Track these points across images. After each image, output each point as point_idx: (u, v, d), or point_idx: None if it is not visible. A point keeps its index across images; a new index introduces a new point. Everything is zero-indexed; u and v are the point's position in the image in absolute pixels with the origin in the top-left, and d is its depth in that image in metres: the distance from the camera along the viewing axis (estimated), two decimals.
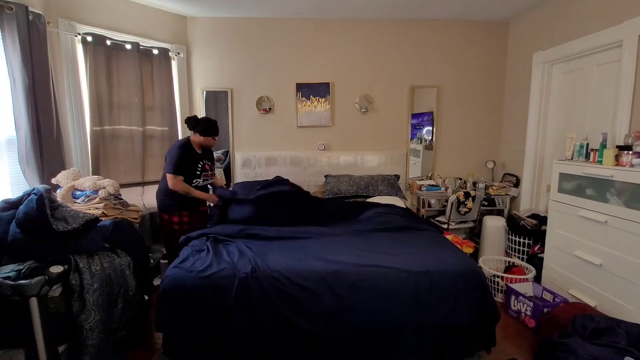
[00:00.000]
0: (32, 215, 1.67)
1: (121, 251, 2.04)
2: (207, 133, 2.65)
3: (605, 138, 2.31)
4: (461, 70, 3.84)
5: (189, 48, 3.66)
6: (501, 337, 2.14)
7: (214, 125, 2.70)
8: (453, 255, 2.09)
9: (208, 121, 2.69)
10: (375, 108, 3.88)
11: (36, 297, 1.51)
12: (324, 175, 3.80)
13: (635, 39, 2.35)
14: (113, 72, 3.06)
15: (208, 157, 2.80)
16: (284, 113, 3.83)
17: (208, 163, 2.76)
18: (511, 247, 3.13)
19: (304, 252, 2.10)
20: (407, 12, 3.56)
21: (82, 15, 2.86)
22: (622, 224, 2.07)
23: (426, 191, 3.61)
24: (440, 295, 1.84)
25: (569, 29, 2.94)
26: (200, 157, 2.69)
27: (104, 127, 3.05)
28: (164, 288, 1.81)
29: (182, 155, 2.54)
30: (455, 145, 3.94)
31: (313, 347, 1.86)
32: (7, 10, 2.23)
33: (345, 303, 1.81)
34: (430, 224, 2.84)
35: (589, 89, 2.84)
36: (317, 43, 3.75)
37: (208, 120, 2.71)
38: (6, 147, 2.37)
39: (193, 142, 2.65)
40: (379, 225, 2.60)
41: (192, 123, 2.63)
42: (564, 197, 2.51)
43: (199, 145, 2.68)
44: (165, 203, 2.63)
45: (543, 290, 2.54)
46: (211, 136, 2.68)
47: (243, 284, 1.80)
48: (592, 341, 1.73)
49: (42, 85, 2.44)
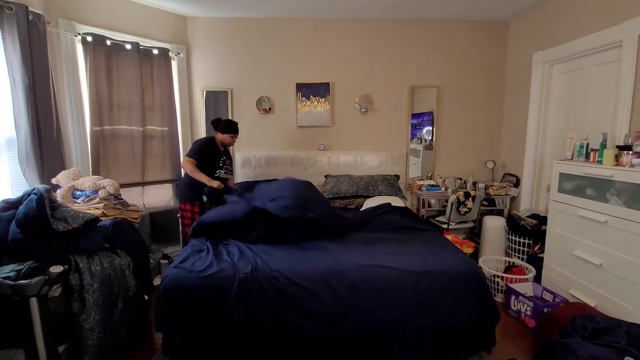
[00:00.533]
0: (32, 215, 1.67)
1: (121, 251, 2.04)
2: (225, 131, 3.06)
3: (605, 138, 2.31)
4: (461, 70, 3.84)
5: (189, 48, 3.66)
6: (501, 337, 2.14)
7: (233, 125, 3.10)
8: (453, 255, 2.10)
9: (228, 121, 3.11)
10: (375, 108, 3.88)
11: (36, 297, 1.51)
12: (323, 175, 3.80)
13: (635, 39, 2.35)
14: (113, 72, 3.06)
15: (228, 156, 3.21)
16: (284, 113, 3.83)
17: (227, 160, 3.17)
18: (511, 247, 3.13)
19: (304, 252, 2.09)
20: (407, 12, 3.56)
21: (82, 15, 2.86)
22: (622, 224, 2.06)
23: (426, 191, 3.61)
24: (440, 295, 1.84)
25: (569, 29, 2.94)
26: (222, 153, 3.12)
27: (104, 127, 3.05)
28: (164, 288, 1.81)
29: (205, 145, 2.99)
30: (455, 145, 3.94)
31: (313, 347, 1.86)
32: (7, 10, 2.23)
33: (345, 303, 1.81)
34: (430, 224, 2.83)
35: (589, 89, 2.84)
36: (317, 43, 3.75)
37: (228, 120, 3.13)
38: (6, 147, 2.37)
39: (217, 140, 3.09)
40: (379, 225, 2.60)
41: (215, 123, 3.09)
42: (564, 197, 2.51)
43: (221, 143, 3.11)
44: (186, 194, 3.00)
45: (543, 290, 2.54)
46: (229, 134, 3.07)
47: (243, 284, 1.80)
48: (592, 341, 1.73)
49: (42, 85, 2.44)
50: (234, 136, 3.12)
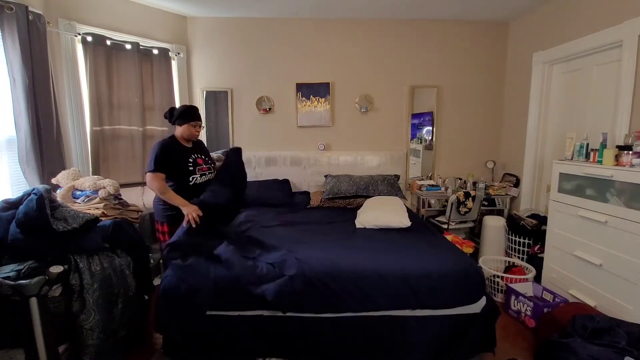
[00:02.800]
0: (32, 215, 1.67)
1: (121, 251, 2.03)
2: (183, 120, 2.34)
3: (605, 138, 2.31)
4: (461, 70, 3.84)
5: (189, 48, 3.66)
6: (501, 337, 2.14)
7: (190, 111, 2.37)
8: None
9: (183, 108, 2.39)
10: (375, 108, 3.88)
11: (36, 297, 1.51)
12: (324, 175, 3.80)
13: (635, 39, 2.35)
14: (113, 72, 3.06)
15: (200, 151, 2.49)
16: (284, 113, 3.83)
17: (201, 157, 2.44)
18: (511, 247, 3.13)
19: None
20: (407, 12, 3.56)
21: (82, 15, 2.86)
22: (622, 224, 2.06)
23: (426, 191, 3.61)
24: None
25: (569, 29, 2.94)
26: (191, 150, 2.40)
27: (104, 127, 3.04)
28: (164, 288, 1.81)
29: (163, 148, 2.25)
30: (455, 145, 3.94)
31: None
32: (7, 10, 2.23)
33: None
34: (430, 224, 2.83)
35: (589, 89, 2.84)
36: (317, 43, 3.75)
37: (183, 107, 2.41)
38: (6, 147, 2.37)
39: (177, 137, 2.39)
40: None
41: (168, 114, 2.38)
42: (564, 197, 2.51)
43: (183, 138, 2.39)
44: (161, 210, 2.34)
45: (543, 290, 2.54)
46: (187, 123, 2.34)
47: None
48: (592, 341, 1.73)
49: (42, 85, 2.44)
50: (195, 124, 2.37)
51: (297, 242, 2.26)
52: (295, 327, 1.84)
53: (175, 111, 2.37)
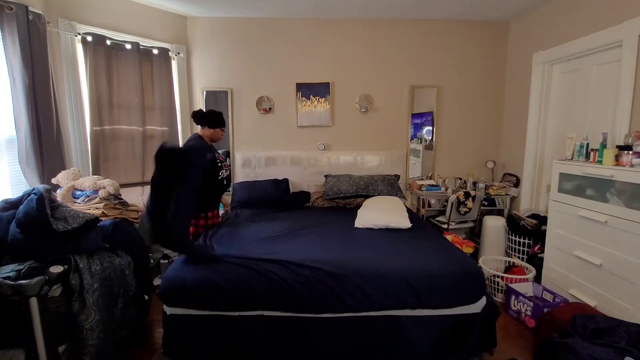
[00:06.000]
0: (32, 215, 1.67)
1: (121, 251, 2.04)
2: (216, 125, 2.64)
3: (605, 138, 2.31)
4: (461, 70, 3.84)
5: (189, 48, 3.66)
6: (501, 337, 2.14)
7: (222, 116, 2.68)
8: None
9: (217, 114, 2.66)
10: (375, 108, 3.87)
11: (36, 297, 1.51)
12: (324, 175, 3.80)
13: (635, 39, 2.35)
14: (113, 72, 3.06)
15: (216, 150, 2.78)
16: (284, 113, 3.83)
17: (221, 155, 2.76)
18: (511, 247, 3.13)
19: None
20: (407, 12, 3.56)
21: (82, 15, 2.86)
22: (622, 224, 2.06)
23: (426, 191, 3.61)
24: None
25: (569, 29, 2.94)
26: (214, 149, 2.71)
27: (104, 127, 3.04)
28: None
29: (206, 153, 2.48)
30: (456, 145, 3.94)
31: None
32: (7, 10, 2.23)
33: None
34: (430, 224, 2.83)
35: (589, 89, 2.84)
36: (317, 43, 3.75)
37: (216, 112, 2.67)
38: (6, 147, 2.37)
39: (204, 137, 2.63)
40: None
41: (200, 116, 2.60)
42: (564, 197, 2.51)
43: (209, 139, 2.67)
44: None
45: (543, 290, 2.54)
46: (220, 127, 2.67)
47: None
48: (592, 341, 1.73)
49: (42, 85, 2.44)
50: (224, 129, 2.74)
51: (297, 242, 2.27)
52: (295, 327, 1.84)
53: (214, 114, 2.62)
